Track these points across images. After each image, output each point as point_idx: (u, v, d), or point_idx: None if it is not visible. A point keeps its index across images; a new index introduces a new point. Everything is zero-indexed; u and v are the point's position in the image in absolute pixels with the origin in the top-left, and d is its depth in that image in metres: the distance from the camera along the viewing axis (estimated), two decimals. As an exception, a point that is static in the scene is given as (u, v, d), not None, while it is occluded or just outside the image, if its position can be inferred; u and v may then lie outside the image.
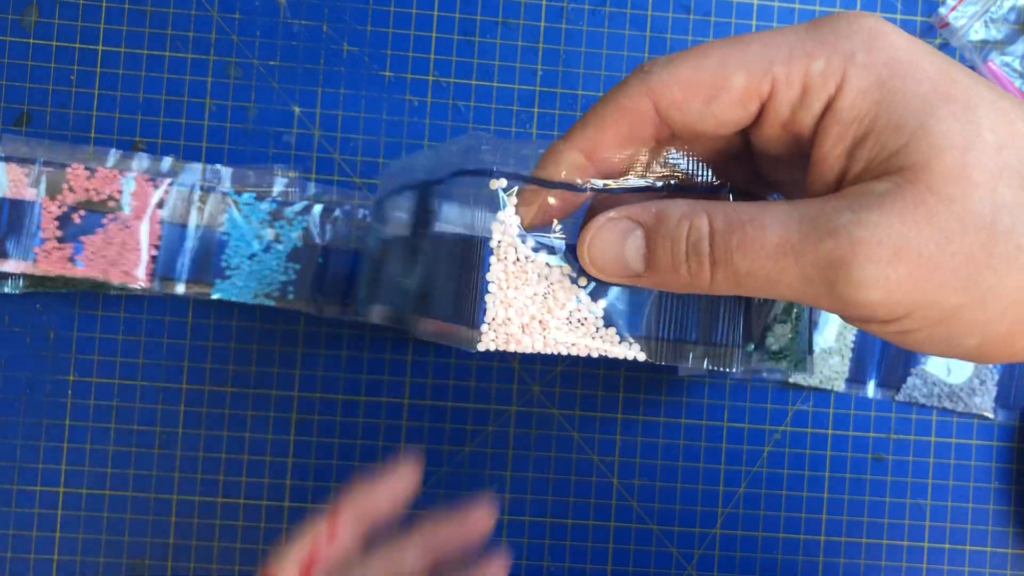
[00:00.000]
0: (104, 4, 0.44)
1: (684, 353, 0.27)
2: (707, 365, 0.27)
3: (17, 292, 0.42)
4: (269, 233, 0.43)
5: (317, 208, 0.43)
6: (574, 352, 0.27)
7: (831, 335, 0.45)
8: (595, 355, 0.27)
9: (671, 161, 0.27)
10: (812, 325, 0.32)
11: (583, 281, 0.27)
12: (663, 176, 0.27)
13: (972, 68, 0.45)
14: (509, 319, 0.26)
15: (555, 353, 0.27)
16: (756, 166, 0.28)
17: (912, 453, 0.45)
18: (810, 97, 0.24)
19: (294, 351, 0.44)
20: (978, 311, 0.23)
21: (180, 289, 0.42)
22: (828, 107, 0.24)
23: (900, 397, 0.45)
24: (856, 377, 0.45)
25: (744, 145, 0.27)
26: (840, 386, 0.45)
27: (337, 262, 0.43)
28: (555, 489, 0.44)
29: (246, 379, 0.44)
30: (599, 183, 0.27)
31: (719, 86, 0.24)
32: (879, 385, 0.45)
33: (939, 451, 0.45)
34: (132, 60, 0.44)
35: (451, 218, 0.29)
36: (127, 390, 0.43)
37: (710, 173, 0.27)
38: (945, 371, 0.45)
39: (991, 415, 0.45)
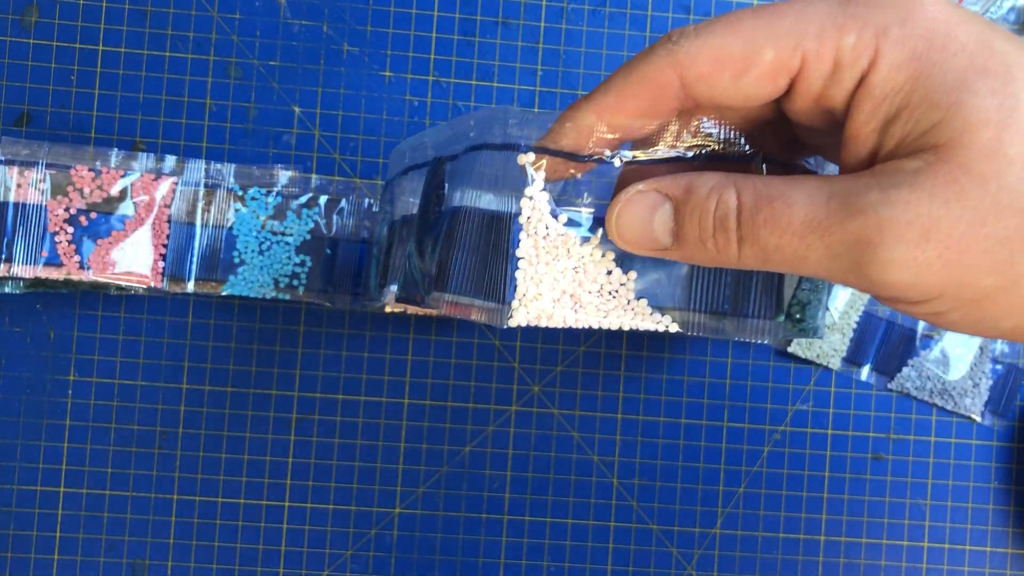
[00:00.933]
0: (104, 4, 0.44)
1: (716, 325, 0.27)
2: (739, 337, 0.27)
3: (17, 292, 0.42)
4: (276, 227, 0.43)
5: (323, 200, 0.43)
6: (605, 325, 0.27)
7: (835, 312, 0.45)
8: (627, 327, 0.27)
9: (703, 130, 0.26)
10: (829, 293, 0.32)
11: (613, 254, 0.27)
12: (694, 146, 0.26)
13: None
14: (540, 294, 0.26)
15: (587, 327, 0.27)
16: (791, 131, 0.28)
17: (912, 453, 0.45)
18: (842, 73, 0.23)
19: (294, 351, 0.44)
20: (1013, 293, 0.22)
21: (190, 287, 0.42)
22: (861, 82, 0.23)
23: (893, 385, 0.45)
24: (853, 358, 0.45)
25: (777, 112, 0.27)
26: (836, 364, 0.45)
27: (345, 252, 0.43)
28: (555, 489, 0.44)
29: (246, 379, 0.44)
30: (628, 155, 0.26)
31: (748, 60, 0.24)
32: (874, 370, 0.45)
33: (939, 451, 0.45)
34: (132, 60, 0.44)
35: (471, 194, 0.28)
36: (127, 390, 0.43)
37: (743, 141, 0.27)
38: (942, 368, 0.45)
39: (979, 418, 0.45)
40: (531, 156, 0.26)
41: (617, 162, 0.26)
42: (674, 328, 0.27)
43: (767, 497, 0.45)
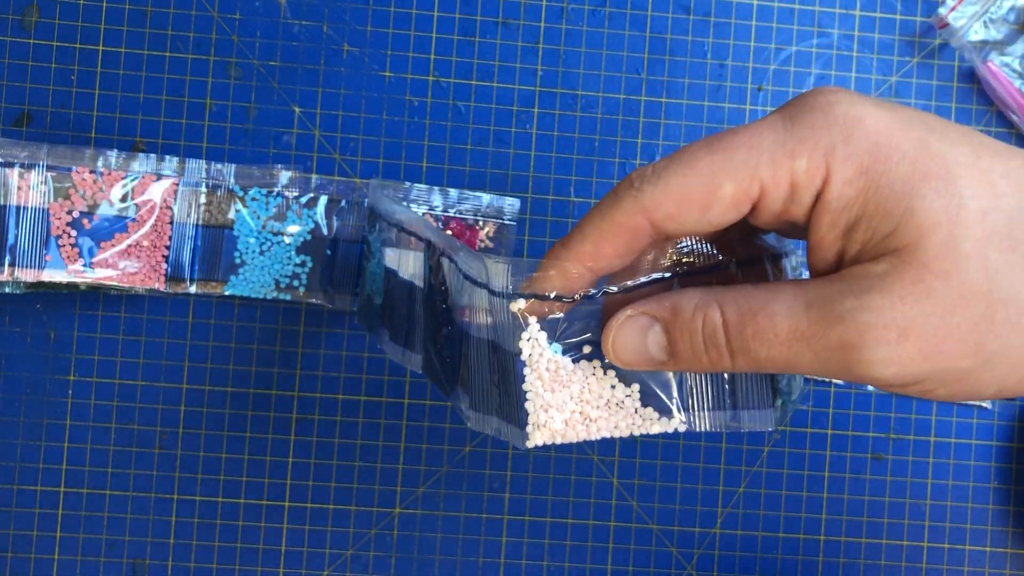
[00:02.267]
0: (104, 4, 0.44)
1: (720, 421, 0.29)
2: (744, 429, 0.29)
3: (18, 292, 0.42)
4: (277, 227, 0.43)
5: (323, 200, 0.43)
6: (617, 435, 0.29)
7: None
8: (637, 434, 0.29)
9: (677, 248, 0.29)
10: None
11: (613, 371, 0.29)
12: (670, 266, 0.29)
13: (971, 69, 0.45)
14: (551, 418, 0.28)
15: (600, 439, 0.29)
16: (756, 232, 0.29)
17: (911, 453, 0.45)
18: (799, 193, 0.25)
19: (294, 351, 0.44)
20: (989, 371, 0.24)
21: (192, 288, 0.42)
22: (817, 199, 0.25)
23: None
24: None
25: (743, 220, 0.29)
26: None
27: (345, 252, 0.43)
28: (555, 489, 0.44)
29: (246, 379, 0.44)
30: (612, 288, 0.28)
31: (710, 197, 0.25)
32: None
33: (938, 451, 0.45)
34: (132, 60, 0.44)
35: (476, 314, 0.30)
36: (127, 390, 0.43)
37: (715, 250, 0.29)
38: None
39: (988, 405, 0.45)
40: (522, 303, 0.28)
41: (601, 295, 0.28)
42: (683, 428, 0.29)
43: (767, 497, 0.45)
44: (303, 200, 0.43)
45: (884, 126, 0.24)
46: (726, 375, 0.29)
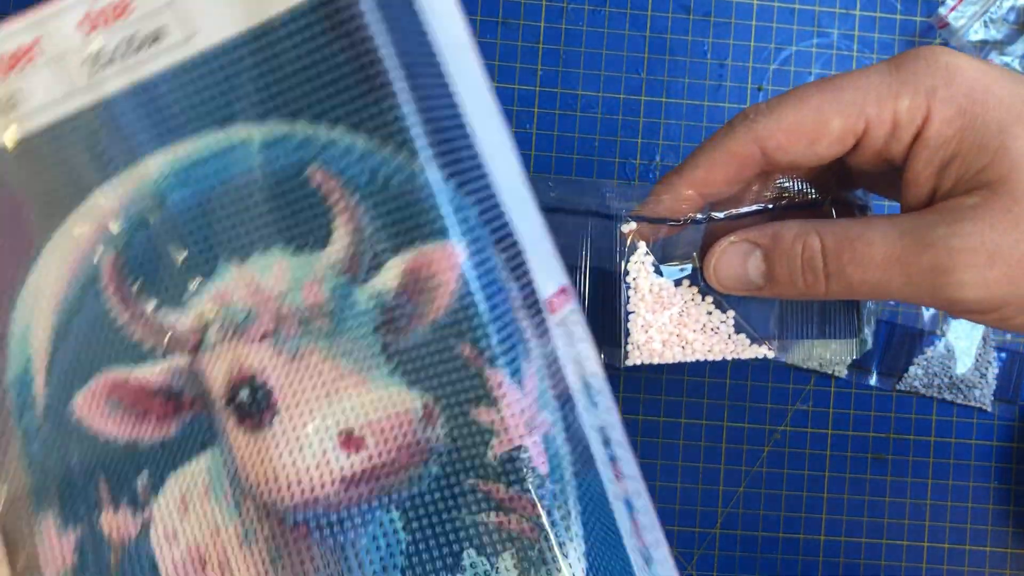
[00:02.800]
0: (104, 4, 0.43)
1: (807, 349, 0.31)
2: (829, 357, 0.32)
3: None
4: None
5: None
6: (711, 357, 0.31)
7: None
8: (729, 358, 0.31)
9: (779, 184, 0.31)
10: None
11: (711, 297, 0.30)
12: (772, 199, 0.31)
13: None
14: (651, 338, 0.30)
15: (695, 360, 0.30)
16: (850, 175, 0.32)
17: (912, 453, 0.45)
18: (900, 130, 0.27)
19: (294, 351, 0.44)
20: None
21: None
22: (917, 136, 0.27)
23: (901, 386, 0.45)
24: (859, 363, 0.45)
25: (840, 162, 0.30)
26: (842, 371, 0.45)
27: None
28: (555, 489, 0.44)
29: (246, 379, 0.44)
30: (718, 215, 0.30)
31: (819, 130, 0.28)
32: (881, 373, 0.45)
33: (938, 451, 0.45)
34: (132, 60, 0.44)
35: (579, 253, 0.32)
36: (127, 390, 0.43)
37: (813, 190, 0.31)
38: (949, 362, 0.45)
39: (989, 408, 0.45)
40: (633, 225, 0.30)
41: (706, 221, 0.30)
42: (771, 355, 0.31)
43: (767, 497, 0.45)
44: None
45: (981, 75, 0.26)
46: (815, 306, 0.31)
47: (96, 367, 0.24)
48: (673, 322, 0.30)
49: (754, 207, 0.30)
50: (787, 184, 0.31)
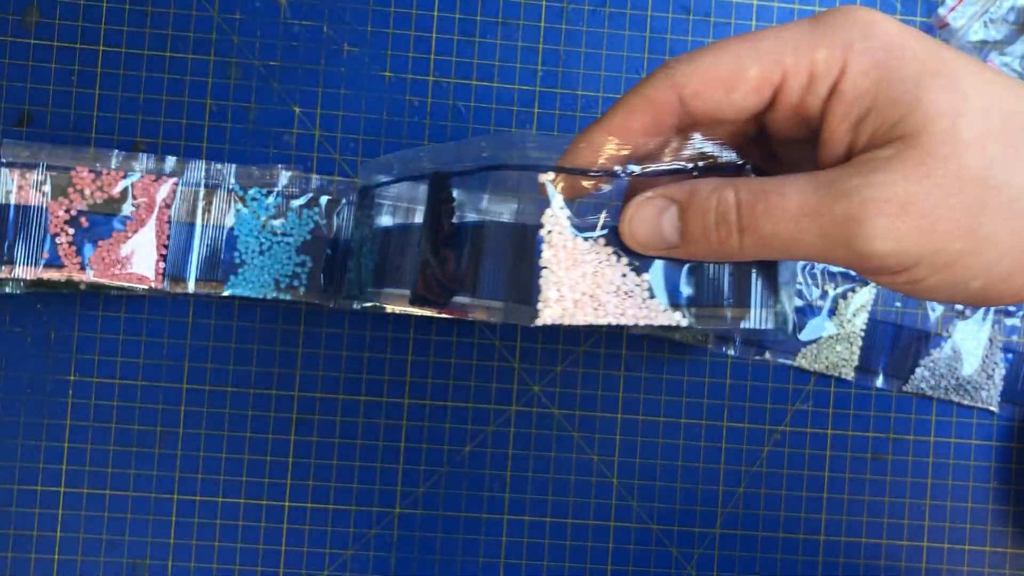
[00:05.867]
0: (105, 4, 0.44)
1: (722, 316, 0.30)
2: (743, 325, 0.30)
3: (18, 292, 0.42)
4: (277, 227, 0.43)
5: (323, 200, 0.43)
6: (623, 322, 0.30)
7: (839, 321, 0.45)
8: (642, 324, 0.30)
9: (698, 147, 0.30)
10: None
11: (626, 259, 0.30)
12: (692, 159, 0.30)
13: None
14: (563, 296, 0.29)
15: (606, 324, 0.30)
16: (771, 148, 0.31)
17: (911, 453, 0.45)
18: (816, 82, 0.27)
19: (294, 351, 0.44)
20: (979, 255, 0.26)
21: (191, 288, 0.42)
22: (833, 90, 0.27)
23: (908, 388, 0.45)
24: (865, 366, 0.45)
25: (759, 130, 0.30)
26: (849, 374, 0.45)
27: (346, 253, 0.43)
28: (555, 489, 0.44)
29: (246, 379, 0.44)
30: (636, 168, 0.30)
31: (736, 77, 0.28)
32: (887, 375, 0.45)
33: (938, 451, 0.45)
34: (133, 61, 0.44)
35: (491, 208, 0.31)
36: (127, 390, 0.43)
37: (734, 155, 0.30)
38: (956, 364, 0.45)
39: (996, 409, 0.45)
40: (551, 175, 0.29)
41: (625, 176, 0.30)
42: (684, 323, 0.30)
43: (767, 497, 0.45)
44: (303, 200, 0.43)
45: (899, 32, 0.27)
46: (731, 273, 0.30)
47: None
48: (586, 281, 0.29)
49: (675, 165, 0.30)
50: (706, 146, 0.30)
